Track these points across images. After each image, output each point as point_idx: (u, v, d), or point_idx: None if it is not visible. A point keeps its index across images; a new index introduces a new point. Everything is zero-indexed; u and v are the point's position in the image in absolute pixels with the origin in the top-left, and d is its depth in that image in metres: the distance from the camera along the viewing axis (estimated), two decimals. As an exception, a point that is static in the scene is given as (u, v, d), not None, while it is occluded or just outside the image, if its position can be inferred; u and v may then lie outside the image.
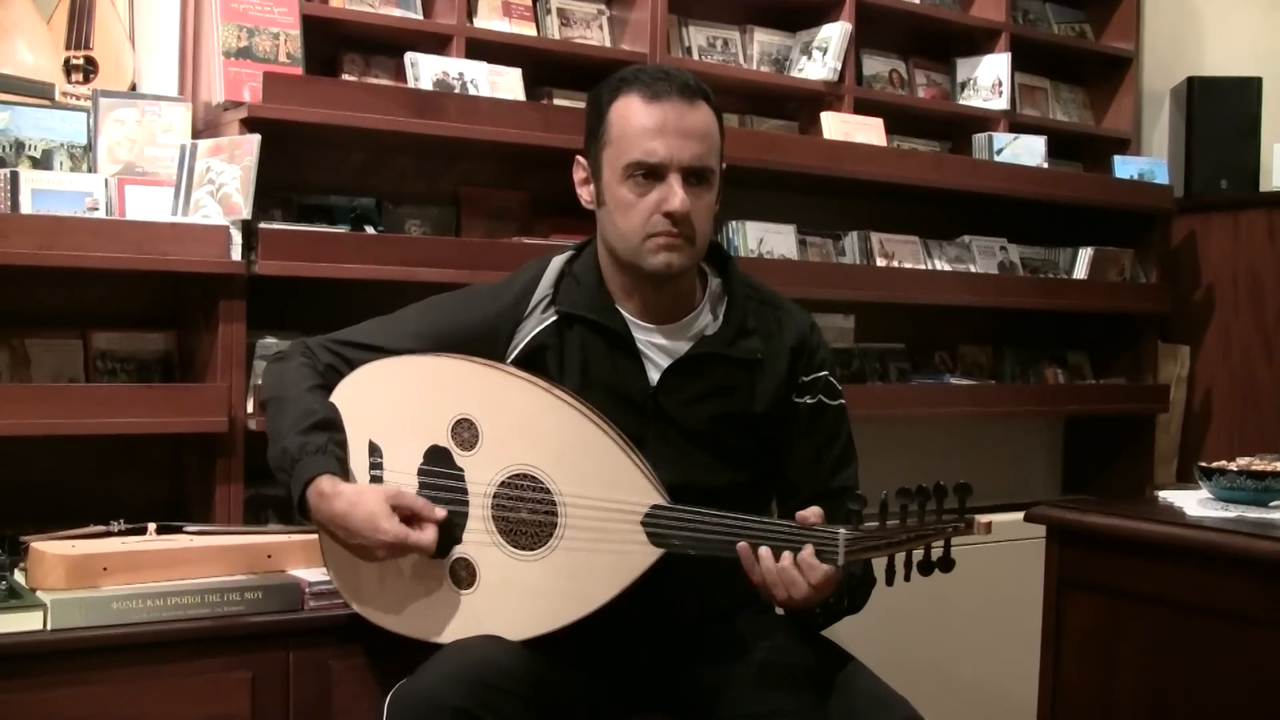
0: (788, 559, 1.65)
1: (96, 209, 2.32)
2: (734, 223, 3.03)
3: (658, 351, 1.88)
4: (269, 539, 2.10)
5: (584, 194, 1.92)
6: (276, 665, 1.96)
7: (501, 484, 1.80)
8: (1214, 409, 3.76)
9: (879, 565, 1.69)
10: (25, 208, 2.26)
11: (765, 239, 3.07)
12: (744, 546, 1.67)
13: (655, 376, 1.87)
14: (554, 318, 1.89)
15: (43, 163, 2.38)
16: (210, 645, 1.92)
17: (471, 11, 2.88)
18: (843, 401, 1.96)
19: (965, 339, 3.66)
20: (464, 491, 1.82)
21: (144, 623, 1.89)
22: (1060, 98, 3.98)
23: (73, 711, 1.82)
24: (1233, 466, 2.19)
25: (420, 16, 2.84)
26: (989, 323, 3.68)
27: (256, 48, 2.52)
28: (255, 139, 2.28)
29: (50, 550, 1.93)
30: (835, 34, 3.27)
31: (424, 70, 2.72)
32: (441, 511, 1.80)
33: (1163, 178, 3.75)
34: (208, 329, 2.34)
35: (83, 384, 2.34)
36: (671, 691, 1.88)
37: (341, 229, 2.55)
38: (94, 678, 1.83)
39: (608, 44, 3.10)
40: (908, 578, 1.66)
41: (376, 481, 1.86)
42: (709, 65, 3.21)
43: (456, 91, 2.71)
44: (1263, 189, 3.72)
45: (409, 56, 2.73)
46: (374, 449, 1.87)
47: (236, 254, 2.28)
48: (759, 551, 1.67)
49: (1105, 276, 3.63)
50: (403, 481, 1.84)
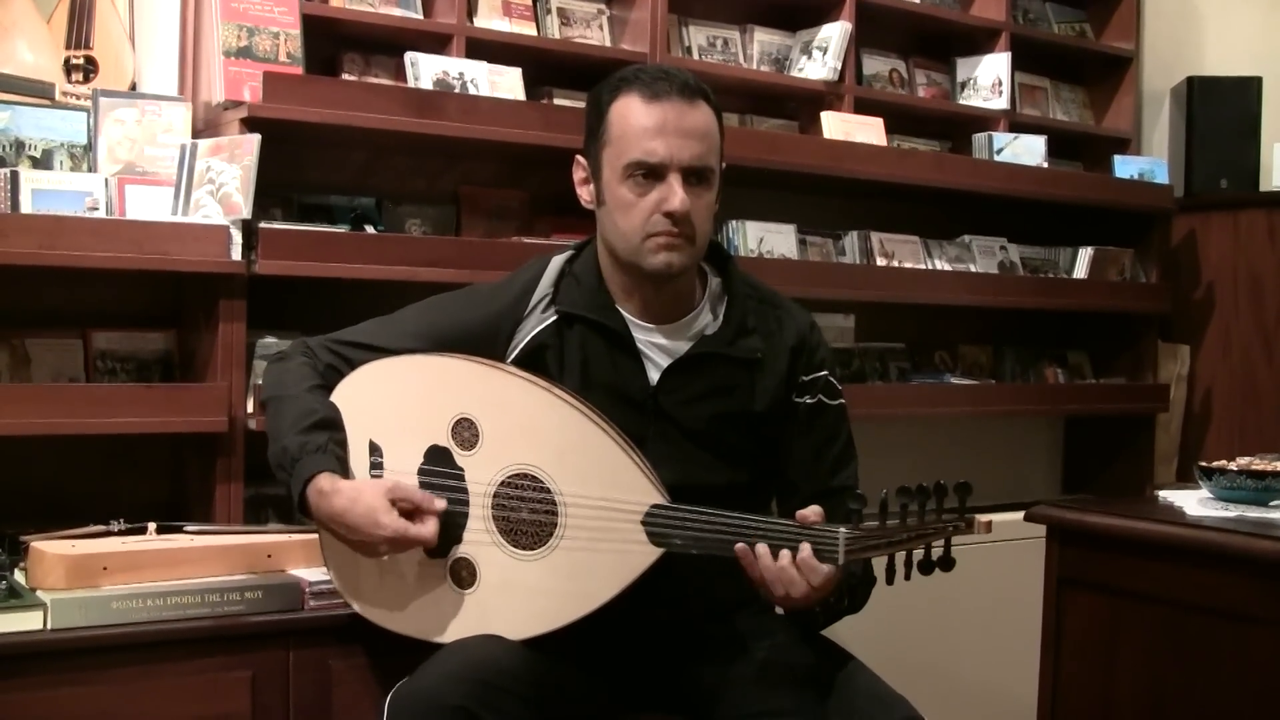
0: (786, 558, 1.65)
1: (96, 209, 2.32)
2: (734, 222, 3.03)
3: (658, 351, 1.88)
4: (269, 539, 2.10)
5: (584, 194, 1.92)
6: (276, 665, 1.96)
7: (502, 483, 1.80)
8: (1214, 408, 3.76)
9: (879, 564, 1.69)
10: (25, 207, 2.26)
11: (765, 238, 3.07)
12: (742, 547, 1.67)
13: (655, 376, 1.87)
14: (554, 317, 1.89)
15: (43, 162, 2.38)
16: (210, 645, 1.92)
17: (471, 11, 2.88)
18: (842, 401, 1.96)
19: (965, 338, 3.66)
20: (464, 491, 1.82)
21: (144, 622, 1.89)
22: (1060, 97, 3.98)
23: (73, 711, 1.81)
24: (1233, 466, 2.19)
25: (420, 16, 2.84)
26: (989, 322, 3.68)
27: (256, 47, 2.52)
28: (255, 138, 2.28)
29: (50, 550, 1.93)
30: (835, 33, 3.27)
31: (424, 70, 2.72)
32: (441, 502, 1.80)
33: (1163, 177, 3.76)
34: (208, 328, 2.34)
35: (83, 384, 2.34)
36: (672, 691, 1.88)
37: (342, 229, 2.55)
38: (94, 677, 1.83)
39: (608, 43, 3.10)
40: (908, 577, 1.66)
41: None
42: (709, 65, 3.21)
43: (456, 91, 2.71)
44: (1263, 188, 3.72)
45: (409, 56, 2.73)
46: (374, 448, 1.87)
47: (237, 253, 2.28)
48: (756, 549, 1.67)
49: (1105, 276, 3.63)
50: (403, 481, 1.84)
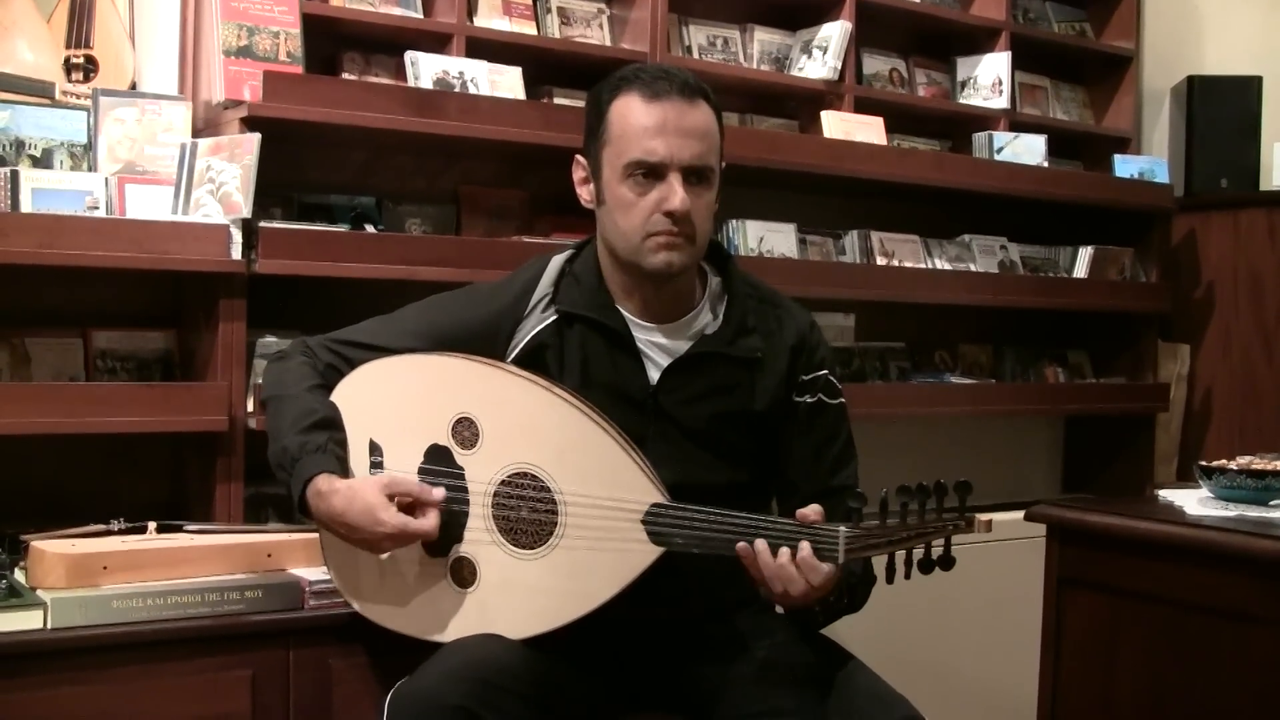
0: (785, 555, 1.65)
1: (97, 208, 2.32)
2: (734, 221, 3.03)
3: (657, 350, 1.88)
4: (269, 538, 2.10)
5: (584, 193, 1.92)
6: (277, 664, 1.96)
7: (502, 482, 1.80)
8: (1214, 408, 3.76)
9: (879, 563, 1.69)
10: (25, 207, 2.26)
11: (765, 238, 3.07)
12: (744, 545, 1.67)
13: (655, 375, 1.87)
14: (554, 317, 1.89)
15: (43, 162, 2.38)
16: (210, 644, 1.92)
17: (472, 10, 2.88)
18: (842, 400, 1.96)
19: (965, 338, 3.66)
20: (464, 490, 1.82)
21: (144, 621, 1.89)
22: (1060, 97, 3.98)
23: (73, 710, 1.81)
24: (1233, 465, 2.19)
25: (420, 15, 2.84)
26: (989, 322, 3.68)
27: (256, 46, 2.52)
28: (255, 138, 2.28)
29: (50, 549, 1.93)
30: (835, 33, 3.27)
31: (424, 69, 2.72)
32: (440, 491, 1.80)
33: (1163, 177, 3.75)
34: (208, 328, 2.34)
35: (83, 383, 2.34)
36: (672, 690, 1.88)
37: (342, 228, 2.55)
38: (94, 676, 1.83)
39: (608, 43, 3.10)
40: (908, 576, 1.66)
41: (377, 480, 1.86)
42: (709, 64, 3.21)
43: (456, 90, 2.71)
44: (1263, 188, 3.72)
45: (409, 55, 2.73)
46: (374, 448, 1.87)
47: (237, 253, 2.28)
48: (755, 544, 1.67)
49: (1105, 275, 3.63)
50: (403, 481, 1.84)
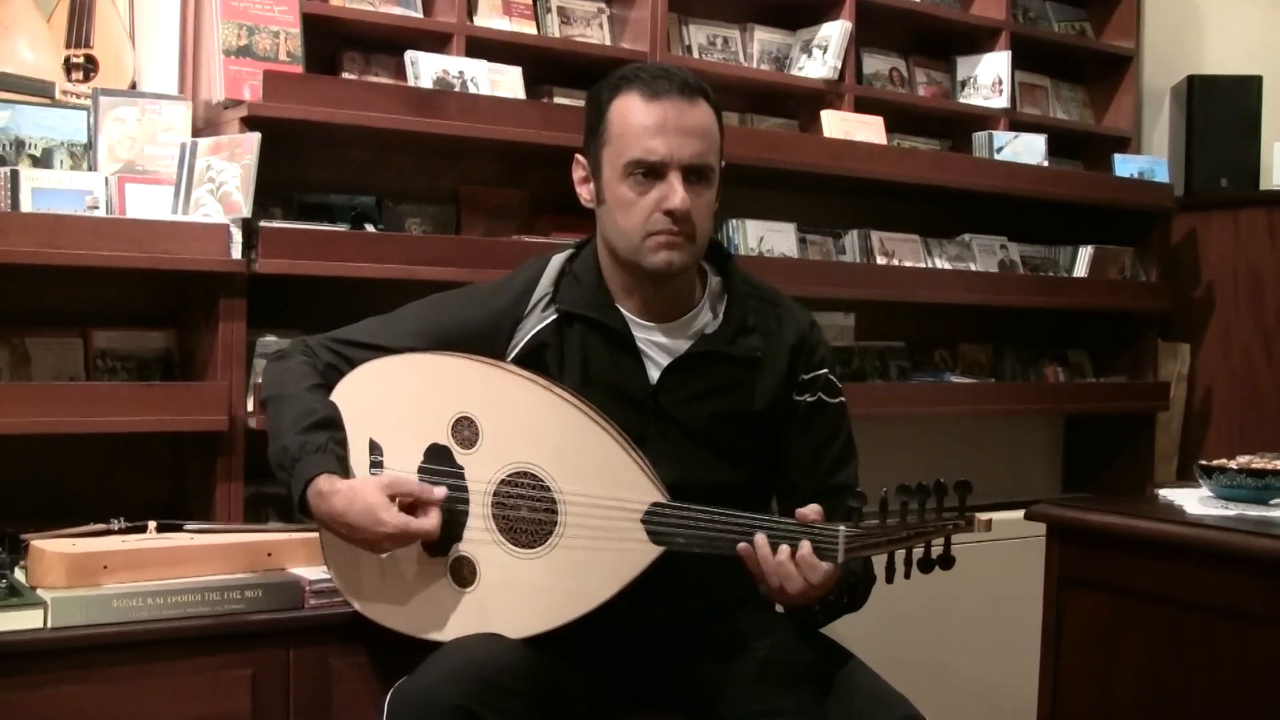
0: (785, 553, 1.65)
1: (97, 207, 2.32)
2: (734, 221, 3.03)
3: (657, 350, 1.88)
4: (269, 537, 2.10)
5: (583, 192, 1.92)
6: (277, 663, 1.96)
7: (502, 482, 1.80)
8: (1214, 407, 3.76)
9: (879, 563, 1.69)
10: (25, 206, 2.26)
11: (765, 237, 3.07)
12: (745, 546, 1.67)
13: (655, 375, 1.87)
14: (554, 316, 1.89)
15: (43, 161, 2.38)
16: (210, 643, 1.92)
17: (472, 10, 2.88)
18: (843, 399, 1.96)
19: (965, 337, 3.65)
20: (464, 489, 1.82)
21: (144, 621, 1.89)
22: (1060, 96, 3.98)
23: (73, 709, 1.82)
24: (1233, 465, 2.19)
25: (420, 15, 2.84)
26: (989, 321, 3.68)
27: (257, 46, 2.52)
28: (255, 137, 2.28)
29: (51, 548, 1.93)
30: (835, 32, 3.27)
31: (424, 69, 2.72)
32: (440, 490, 1.80)
33: (1163, 176, 3.75)
34: (208, 327, 2.34)
35: (83, 382, 2.34)
36: (672, 689, 1.88)
37: (342, 227, 2.55)
38: (94, 676, 1.83)
39: (608, 42, 3.10)
40: (908, 575, 1.66)
41: (377, 480, 1.86)
42: (709, 64, 3.21)
43: (457, 90, 2.71)
44: (1263, 187, 3.72)
45: (409, 55, 2.73)
46: (374, 447, 1.87)
47: (237, 252, 2.28)
48: (755, 539, 1.67)
49: (1105, 275, 3.63)
50: (403, 480, 1.84)
